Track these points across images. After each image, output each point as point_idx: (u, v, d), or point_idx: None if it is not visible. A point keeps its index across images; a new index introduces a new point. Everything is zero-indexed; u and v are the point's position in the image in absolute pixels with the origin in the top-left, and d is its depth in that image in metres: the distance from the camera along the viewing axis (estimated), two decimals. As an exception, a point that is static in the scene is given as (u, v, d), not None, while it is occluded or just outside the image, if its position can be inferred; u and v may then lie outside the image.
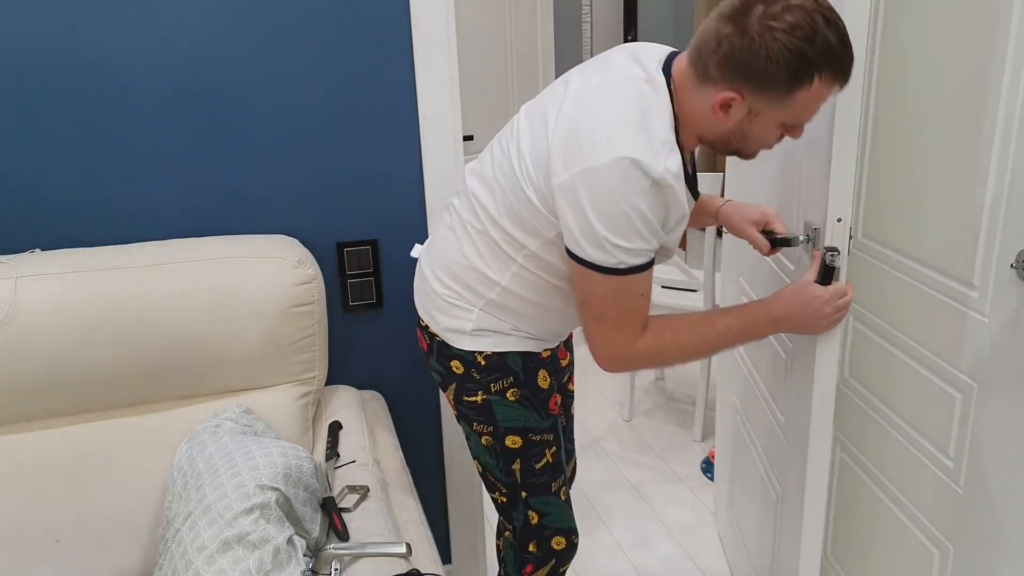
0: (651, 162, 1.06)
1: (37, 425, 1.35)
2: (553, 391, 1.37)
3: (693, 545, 2.25)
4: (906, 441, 1.46)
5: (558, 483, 1.39)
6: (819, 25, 0.99)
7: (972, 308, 1.24)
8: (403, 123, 1.65)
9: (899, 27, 1.42)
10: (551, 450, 1.37)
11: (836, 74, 1.04)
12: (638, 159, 1.05)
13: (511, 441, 1.34)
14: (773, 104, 1.06)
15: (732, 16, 1.02)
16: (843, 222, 1.25)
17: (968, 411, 1.27)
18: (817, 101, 1.07)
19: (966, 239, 1.24)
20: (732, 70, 1.04)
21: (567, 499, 1.42)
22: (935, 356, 1.35)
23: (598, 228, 1.09)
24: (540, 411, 1.35)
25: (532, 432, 1.34)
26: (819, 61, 1.01)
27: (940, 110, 1.30)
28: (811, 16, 0.99)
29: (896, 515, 1.51)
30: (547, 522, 1.40)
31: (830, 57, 1.02)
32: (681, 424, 2.96)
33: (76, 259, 1.36)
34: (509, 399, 1.32)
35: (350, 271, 1.70)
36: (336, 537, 1.18)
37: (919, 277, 1.39)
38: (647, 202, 1.08)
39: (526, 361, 1.32)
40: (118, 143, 1.52)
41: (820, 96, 1.06)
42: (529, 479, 1.37)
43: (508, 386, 1.32)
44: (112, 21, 1.46)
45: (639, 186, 1.07)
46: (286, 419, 1.44)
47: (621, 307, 1.17)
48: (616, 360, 1.23)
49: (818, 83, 1.03)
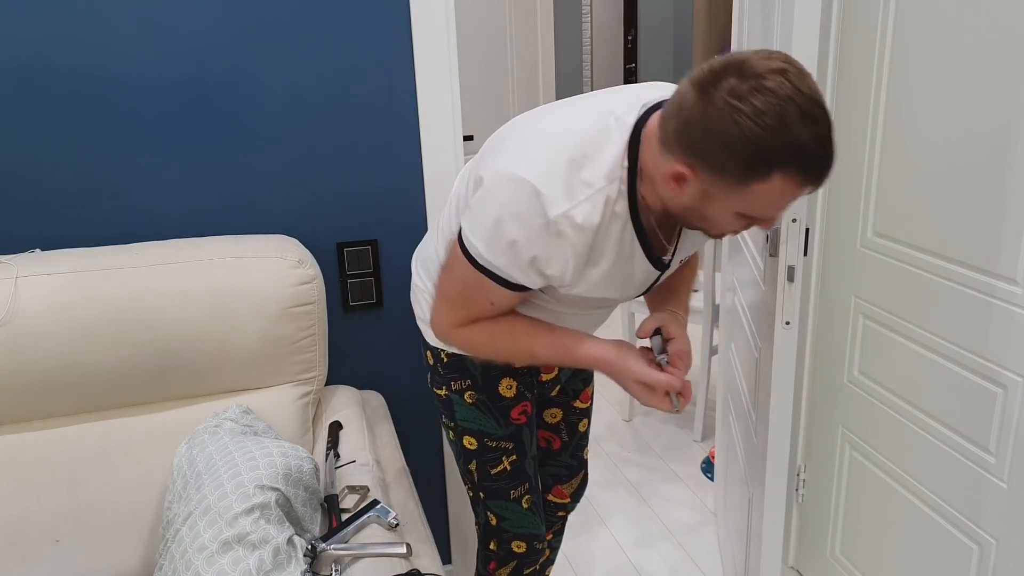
0: (554, 201, 0.99)
1: (37, 425, 1.35)
2: (519, 401, 1.35)
3: (693, 545, 2.25)
4: (933, 437, 1.46)
5: (518, 491, 1.38)
6: (790, 116, 0.85)
7: (1017, 305, 1.25)
8: (403, 123, 1.65)
9: (912, 22, 1.43)
10: (510, 458, 1.36)
11: (803, 176, 0.89)
12: (542, 191, 0.99)
13: (467, 441, 1.37)
14: (727, 191, 0.93)
15: (701, 84, 0.90)
16: (798, 223, 1.25)
17: (1013, 407, 1.27)
18: (781, 198, 0.93)
19: (1001, 234, 1.25)
20: (686, 143, 0.92)
21: (531, 507, 1.41)
22: (972, 354, 1.35)
23: (476, 227, 1.06)
24: (498, 418, 1.34)
25: (488, 437, 1.35)
26: (781, 157, 0.87)
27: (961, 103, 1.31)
28: (783, 104, 0.85)
29: (923, 511, 1.51)
30: (506, 526, 1.41)
31: (796, 155, 0.87)
32: (681, 424, 2.96)
33: (76, 259, 1.36)
34: (467, 400, 1.34)
35: (350, 271, 1.70)
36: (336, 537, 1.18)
37: (946, 273, 1.39)
38: (527, 236, 1.01)
39: (486, 368, 1.32)
40: (118, 143, 1.52)
41: (784, 194, 0.92)
42: (485, 482, 1.38)
43: (466, 387, 1.33)
44: (112, 21, 1.46)
45: (526, 218, 1.00)
46: (286, 419, 1.44)
47: (465, 296, 1.14)
48: (436, 331, 1.23)
49: (780, 180, 0.89)
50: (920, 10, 1.38)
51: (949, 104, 1.34)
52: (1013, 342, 1.26)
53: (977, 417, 1.35)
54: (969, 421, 1.37)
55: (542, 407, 1.53)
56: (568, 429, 1.56)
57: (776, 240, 1.42)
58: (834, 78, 1.65)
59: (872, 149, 1.55)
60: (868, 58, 1.53)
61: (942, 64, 1.35)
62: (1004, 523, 1.32)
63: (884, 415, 1.60)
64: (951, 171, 1.35)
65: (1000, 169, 1.25)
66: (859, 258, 1.63)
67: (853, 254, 1.65)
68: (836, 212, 1.69)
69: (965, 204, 1.33)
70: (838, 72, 1.64)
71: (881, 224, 1.55)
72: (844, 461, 1.76)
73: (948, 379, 1.41)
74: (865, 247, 1.61)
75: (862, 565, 1.73)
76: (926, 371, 1.46)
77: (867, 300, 1.61)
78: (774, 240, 1.44)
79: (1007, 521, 1.31)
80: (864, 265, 1.61)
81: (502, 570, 1.45)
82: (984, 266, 1.31)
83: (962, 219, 1.34)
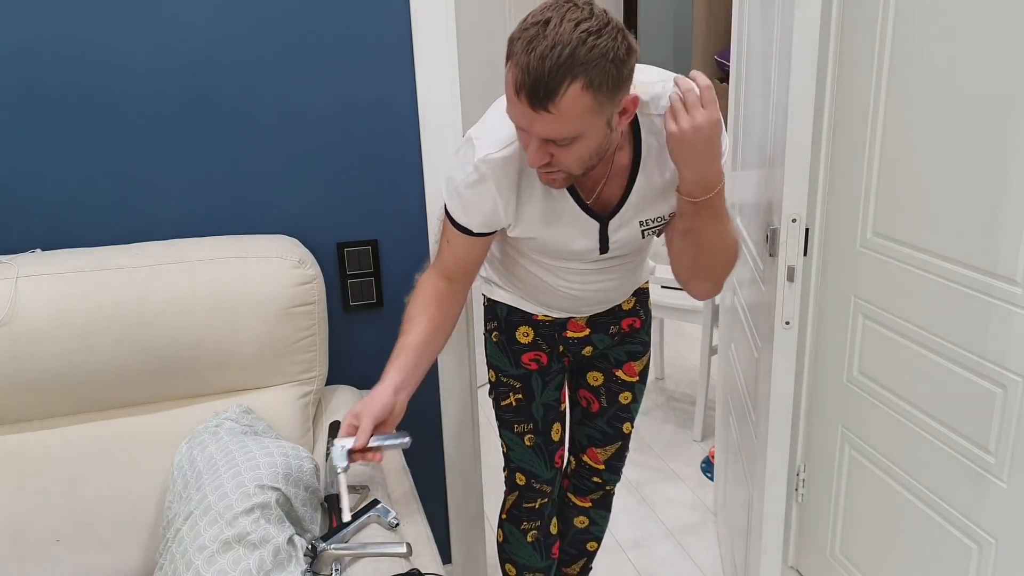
0: (482, 147, 1.19)
1: (37, 425, 1.35)
2: (532, 349, 1.54)
3: (693, 545, 2.25)
4: (933, 437, 1.46)
5: (521, 427, 1.57)
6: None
7: (1017, 305, 1.25)
8: (403, 123, 1.65)
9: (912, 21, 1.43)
10: (516, 395, 1.56)
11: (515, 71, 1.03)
12: (475, 143, 1.20)
13: (490, 374, 1.60)
14: None
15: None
16: (798, 223, 1.26)
17: (1012, 407, 1.28)
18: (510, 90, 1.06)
19: (1001, 234, 1.25)
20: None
21: (534, 446, 1.59)
22: (972, 354, 1.35)
23: (450, 176, 1.28)
24: (511, 359, 1.55)
25: (501, 373, 1.57)
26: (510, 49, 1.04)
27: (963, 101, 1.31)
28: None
29: (922, 511, 1.51)
30: (511, 456, 1.62)
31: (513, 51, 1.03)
32: (681, 424, 2.96)
33: (76, 259, 1.36)
34: (493, 339, 1.58)
35: (350, 271, 1.71)
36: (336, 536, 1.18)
37: (946, 273, 1.39)
38: (465, 178, 1.22)
39: (510, 314, 1.53)
40: (118, 143, 1.52)
41: (509, 85, 1.05)
42: (498, 412, 1.60)
43: (493, 328, 1.57)
44: (112, 21, 1.46)
45: (465, 161, 1.22)
46: (286, 419, 1.44)
47: (442, 239, 1.35)
48: None
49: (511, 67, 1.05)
50: (920, 10, 1.39)
51: (949, 104, 1.34)
52: (1013, 342, 1.26)
53: (977, 417, 1.35)
54: (969, 421, 1.37)
55: (584, 368, 1.64)
56: (608, 395, 1.64)
57: (776, 240, 1.42)
58: (834, 78, 1.65)
59: (872, 149, 1.55)
60: (868, 58, 1.53)
61: (942, 64, 1.35)
62: (1004, 523, 1.32)
63: (884, 415, 1.60)
64: (951, 171, 1.35)
65: (1000, 169, 1.25)
66: (859, 258, 1.63)
67: (853, 254, 1.65)
68: (836, 212, 1.69)
69: (965, 204, 1.33)
70: (838, 72, 1.64)
71: (881, 224, 1.55)
72: (844, 461, 1.76)
73: (948, 379, 1.41)
74: (865, 247, 1.61)
75: (862, 565, 1.73)
76: (926, 371, 1.47)
77: (867, 300, 1.62)
78: (774, 240, 1.45)
79: (1007, 521, 1.31)
80: (864, 265, 1.61)
81: (509, 496, 1.67)
82: (984, 266, 1.31)
83: (962, 219, 1.34)
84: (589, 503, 1.76)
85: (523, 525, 1.66)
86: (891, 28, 1.46)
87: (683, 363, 3.50)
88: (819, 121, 1.67)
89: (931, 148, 1.39)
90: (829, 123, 1.67)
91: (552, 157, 1.11)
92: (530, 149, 1.10)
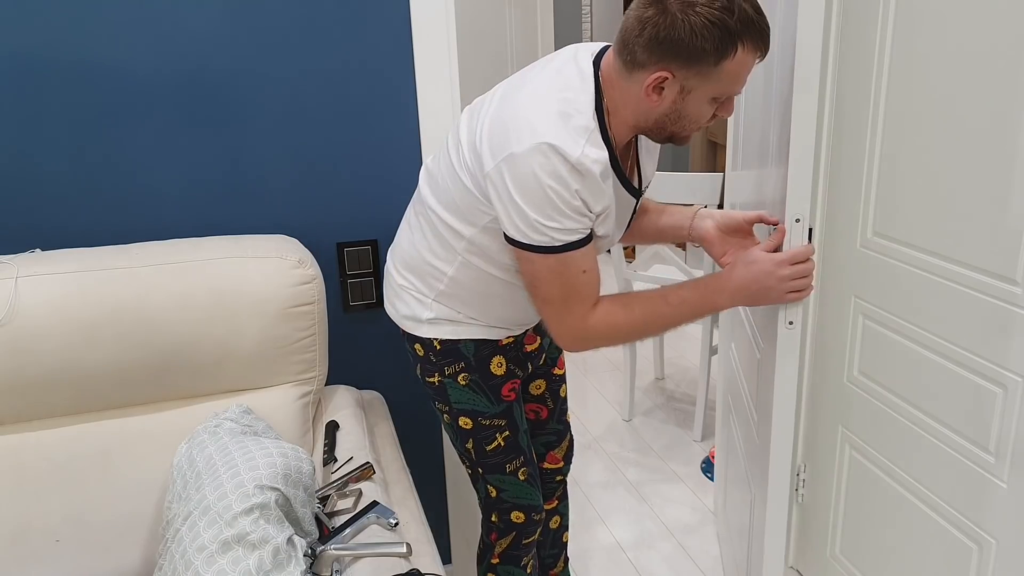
0: (569, 147, 1.11)
1: (37, 425, 1.35)
2: (509, 378, 1.44)
3: (693, 545, 2.25)
4: (933, 437, 1.46)
5: (514, 464, 1.47)
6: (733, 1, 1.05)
7: (1017, 305, 1.25)
8: (403, 123, 1.65)
9: (912, 21, 1.43)
10: (503, 434, 1.45)
11: (757, 43, 1.09)
12: (556, 144, 1.10)
13: (463, 422, 1.44)
14: (703, 78, 1.10)
15: (652, 1, 1.08)
16: (801, 223, 1.26)
17: (1012, 407, 1.27)
18: (743, 71, 1.11)
19: (1001, 234, 1.25)
20: (660, 50, 1.08)
21: (528, 478, 1.49)
22: (972, 354, 1.35)
23: (527, 211, 1.13)
24: (490, 397, 1.43)
25: (481, 416, 1.43)
26: (740, 31, 1.06)
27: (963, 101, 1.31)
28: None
29: (922, 511, 1.51)
30: (505, 496, 1.50)
31: (750, 26, 1.06)
32: (681, 424, 2.96)
33: (76, 259, 1.36)
34: (460, 383, 1.41)
35: (350, 271, 1.70)
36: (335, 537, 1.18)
37: (946, 273, 1.39)
38: (567, 184, 1.12)
39: (479, 348, 1.40)
40: (118, 143, 1.52)
41: (745, 65, 1.10)
42: (482, 459, 1.47)
43: (459, 370, 1.41)
44: (112, 20, 1.46)
45: (558, 169, 1.11)
46: (286, 419, 1.44)
47: (564, 285, 1.21)
48: (572, 338, 1.26)
49: (741, 52, 1.08)
50: (920, 10, 1.38)
51: (949, 104, 1.34)
52: (1013, 342, 1.26)
53: (977, 417, 1.35)
54: (969, 421, 1.37)
55: (526, 381, 1.59)
56: (552, 397, 1.63)
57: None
58: (834, 78, 1.65)
59: (872, 149, 1.55)
60: (868, 58, 1.53)
61: (942, 64, 1.35)
62: (1004, 523, 1.32)
63: (884, 415, 1.60)
64: (951, 171, 1.35)
65: (1000, 169, 1.25)
66: (859, 258, 1.63)
67: (853, 254, 1.65)
68: (836, 212, 1.69)
69: (965, 204, 1.33)
70: (838, 72, 1.64)
71: (881, 224, 1.55)
72: (844, 461, 1.76)
73: (948, 379, 1.41)
74: (865, 247, 1.61)
75: (862, 565, 1.73)
76: (926, 371, 1.46)
77: (867, 300, 1.61)
78: None
79: (1007, 521, 1.31)
80: (864, 265, 1.61)
81: (503, 540, 1.54)
82: (984, 266, 1.31)
83: (963, 219, 1.34)
84: (556, 502, 1.74)
85: (523, 561, 1.57)
86: (891, 28, 1.46)
87: (683, 363, 3.50)
88: (819, 121, 1.67)
89: (931, 148, 1.39)
90: (829, 123, 1.67)
91: None
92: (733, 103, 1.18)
